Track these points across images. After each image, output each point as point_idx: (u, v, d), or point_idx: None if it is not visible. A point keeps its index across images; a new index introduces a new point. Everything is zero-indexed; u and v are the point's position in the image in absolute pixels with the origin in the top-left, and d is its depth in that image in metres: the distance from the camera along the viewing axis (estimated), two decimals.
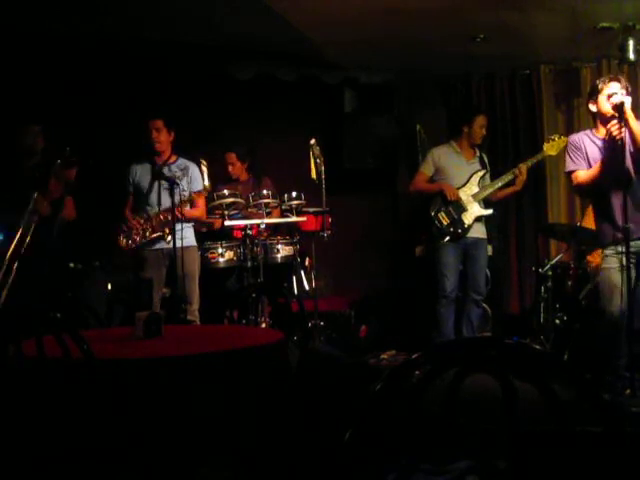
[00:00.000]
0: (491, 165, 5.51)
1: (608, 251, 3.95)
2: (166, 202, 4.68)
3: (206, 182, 4.78)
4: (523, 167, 5.26)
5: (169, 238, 4.62)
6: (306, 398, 2.90)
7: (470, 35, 5.36)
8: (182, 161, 4.92)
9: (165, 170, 4.80)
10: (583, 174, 4.02)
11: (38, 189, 4.31)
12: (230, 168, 5.70)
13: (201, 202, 4.93)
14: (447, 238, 5.24)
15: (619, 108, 3.72)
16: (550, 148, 5.32)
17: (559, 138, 5.32)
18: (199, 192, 4.83)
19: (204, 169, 4.76)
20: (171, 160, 4.92)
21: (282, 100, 6.22)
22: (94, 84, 5.50)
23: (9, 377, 2.23)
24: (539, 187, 6.20)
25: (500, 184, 5.32)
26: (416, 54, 5.81)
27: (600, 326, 3.98)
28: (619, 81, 3.90)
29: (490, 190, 5.32)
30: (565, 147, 5.34)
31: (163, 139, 4.85)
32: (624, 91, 3.85)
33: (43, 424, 2.18)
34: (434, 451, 1.52)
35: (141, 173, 4.90)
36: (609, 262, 3.92)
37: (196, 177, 4.87)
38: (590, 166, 3.99)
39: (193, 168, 4.88)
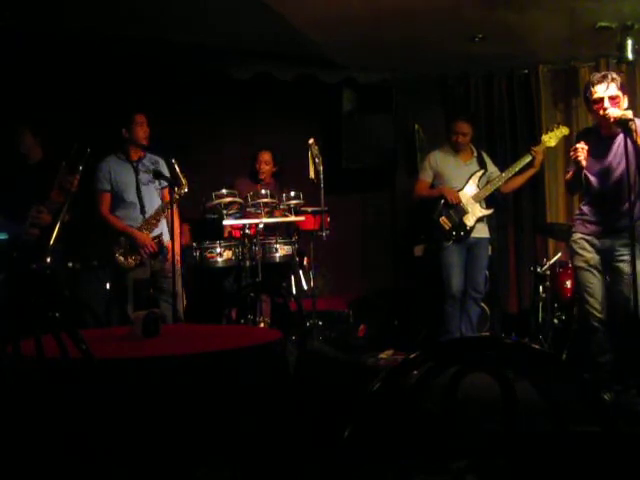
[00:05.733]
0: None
1: (575, 245, 3.97)
2: (154, 202, 4.63)
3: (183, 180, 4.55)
4: (539, 148, 5.23)
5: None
6: (304, 397, 2.90)
7: (468, 35, 5.36)
8: (150, 156, 4.72)
9: (140, 166, 4.65)
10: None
11: (38, 200, 4.31)
12: (262, 166, 5.71)
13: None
14: (451, 242, 5.25)
15: (622, 123, 3.59)
16: (549, 139, 5.29)
17: (557, 128, 5.30)
18: (166, 187, 4.62)
19: (177, 167, 4.52)
20: (142, 155, 4.71)
21: (280, 100, 6.21)
22: (92, 84, 5.49)
23: (7, 377, 2.23)
24: (538, 186, 6.20)
25: (517, 168, 5.26)
26: (415, 54, 5.81)
27: (580, 324, 4.03)
28: (604, 80, 3.74)
29: (500, 183, 5.30)
30: (565, 137, 5.37)
31: (149, 134, 4.66)
32: (613, 86, 3.73)
33: (41, 424, 2.18)
34: (434, 451, 1.52)
35: (119, 171, 4.64)
36: (576, 261, 3.98)
37: (165, 171, 4.66)
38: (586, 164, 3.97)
39: (162, 162, 4.72)
